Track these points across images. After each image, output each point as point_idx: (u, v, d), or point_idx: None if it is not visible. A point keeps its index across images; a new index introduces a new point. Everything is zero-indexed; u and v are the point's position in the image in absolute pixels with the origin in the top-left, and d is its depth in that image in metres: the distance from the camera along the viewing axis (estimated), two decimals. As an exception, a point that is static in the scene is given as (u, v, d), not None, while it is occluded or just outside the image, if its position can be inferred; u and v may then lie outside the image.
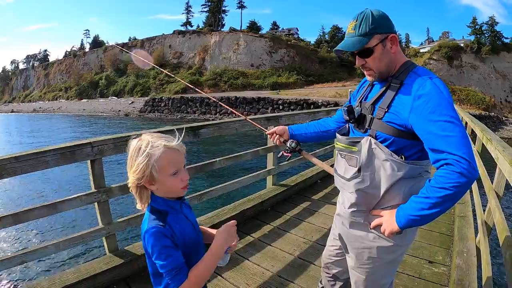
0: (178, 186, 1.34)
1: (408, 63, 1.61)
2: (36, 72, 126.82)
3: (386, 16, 1.55)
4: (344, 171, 1.69)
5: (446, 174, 1.30)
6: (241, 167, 11.70)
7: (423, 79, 1.45)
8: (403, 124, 1.49)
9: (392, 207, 1.57)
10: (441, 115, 1.35)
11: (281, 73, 72.51)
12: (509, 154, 2.44)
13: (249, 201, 4.48)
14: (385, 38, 1.53)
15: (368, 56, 1.56)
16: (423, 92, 1.41)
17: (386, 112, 1.54)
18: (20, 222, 2.51)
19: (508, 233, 2.31)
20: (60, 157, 2.58)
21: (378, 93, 1.62)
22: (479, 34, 70.67)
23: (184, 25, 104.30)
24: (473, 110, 49.60)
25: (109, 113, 56.87)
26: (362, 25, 1.51)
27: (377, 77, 1.62)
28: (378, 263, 1.72)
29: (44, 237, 7.83)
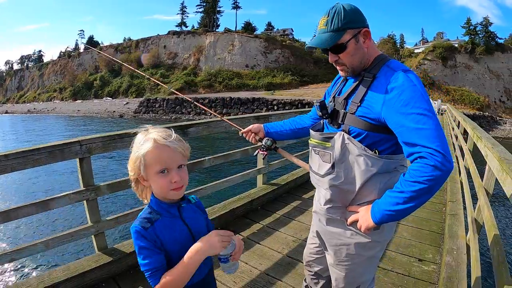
0: (165, 186, 1.26)
1: (381, 57, 1.58)
2: (31, 72, 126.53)
3: (358, 10, 1.51)
4: (318, 167, 1.66)
5: (420, 167, 1.28)
6: (232, 166, 11.74)
7: (396, 72, 1.43)
8: (376, 118, 1.46)
9: (368, 202, 1.54)
10: (414, 107, 1.33)
11: (276, 73, 72.72)
12: (497, 151, 2.46)
13: (239, 200, 4.50)
14: (358, 33, 1.50)
15: (341, 52, 1.52)
16: (395, 85, 1.39)
17: (359, 106, 1.51)
18: (10, 220, 2.52)
19: (496, 230, 2.34)
20: (49, 155, 2.61)
21: (351, 87, 1.60)
22: (473, 35, 71.02)
23: (179, 26, 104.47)
24: (468, 110, 49.85)
25: (104, 114, 56.72)
26: (334, 20, 1.47)
27: (350, 72, 1.59)
28: (356, 260, 1.69)
29: (33, 235, 7.82)
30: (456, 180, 6.12)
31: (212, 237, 1.28)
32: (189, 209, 1.39)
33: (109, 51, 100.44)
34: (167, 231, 1.27)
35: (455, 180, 6.08)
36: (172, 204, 1.33)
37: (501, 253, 2.08)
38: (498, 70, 66.04)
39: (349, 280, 1.76)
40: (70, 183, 12.03)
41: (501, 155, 2.28)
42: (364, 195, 1.56)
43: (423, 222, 4.24)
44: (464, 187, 5.28)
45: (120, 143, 3.09)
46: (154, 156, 1.23)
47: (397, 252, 3.44)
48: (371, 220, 1.45)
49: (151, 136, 1.25)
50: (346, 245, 1.67)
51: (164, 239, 1.25)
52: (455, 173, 6.74)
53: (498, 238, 2.24)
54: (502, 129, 45.07)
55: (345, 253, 1.69)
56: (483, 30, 70.79)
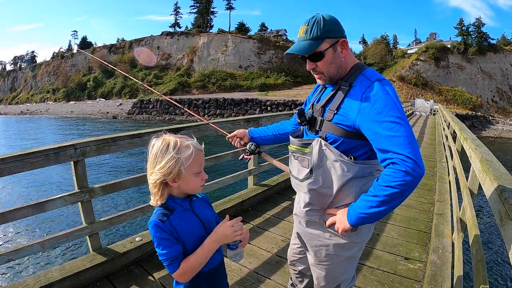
0: (198, 184, 1.45)
1: (358, 66, 1.64)
2: (24, 73, 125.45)
3: (337, 21, 1.57)
4: (297, 172, 1.72)
5: (392, 173, 1.34)
6: (223, 167, 11.80)
7: (371, 81, 1.50)
8: (352, 125, 1.52)
9: (345, 205, 1.60)
10: (387, 115, 1.39)
11: (269, 74, 72.71)
12: (480, 152, 2.51)
13: (230, 201, 4.56)
14: (336, 42, 1.56)
15: (319, 60, 1.58)
16: (369, 94, 1.46)
17: (335, 114, 1.57)
18: (6, 221, 2.59)
19: (477, 229, 2.41)
20: (44, 158, 2.68)
21: (328, 95, 1.65)
22: (466, 35, 71.27)
23: (172, 26, 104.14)
24: (460, 110, 50.03)
25: (97, 115, 56.46)
26: (314, 29, 1.52)
27: (327, 80, 1.65)
28: (336, 260, 1.76)
29: (29, 236, 7.87)
30: (445, 180, 6.22)
31: (226, 228, 1.44)
32: (198, 203, 1.53)
33: (102, 52, 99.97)
34: (182, 223, 1.41)
35: (444, 180, 6.19)
36: (184, 199, 1.48)
37: (480, 252, 2.14)
38: (490, 70, 66.43)
39: (330, 279, 1.83)
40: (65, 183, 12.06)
41: (483, 156, 2.33)
42: (341, 199, 1.63)
43: (411, 222, 4.33)
44: (451, 187, 5.37)
45: (114, 146, 3.18)
46: (195, 160, 1.39)
47: (384, 251, 3.51)
48: (347, 222, 1.52)
49: (188, 143, 1.41)
50: (325, 246, 1.74)
51: (179, 230, 1.38)
52: (445, 173, 6.84)
53: (478, 238, 2.30)
54: (494, 128, 45.37)
55: (324, 253, 1.76)
56: (476, 30, 71.14)
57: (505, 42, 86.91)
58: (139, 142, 3.41)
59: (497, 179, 1.66)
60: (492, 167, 1.97)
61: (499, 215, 1.41)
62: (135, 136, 3.36)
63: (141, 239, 3.37)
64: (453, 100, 58.47)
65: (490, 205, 1.68)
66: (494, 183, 1.65)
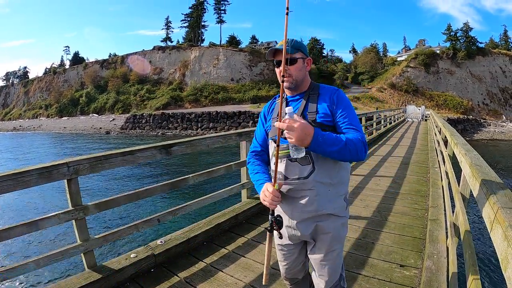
0: None
1: (314, 82, 2.06)
2: (16, 89, 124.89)
3: (306, 46, 2.06)
4: (300, 172, 1.85)
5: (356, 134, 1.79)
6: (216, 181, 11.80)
7: (333, 88, 2.00)
8: (331, 120, 1.88)
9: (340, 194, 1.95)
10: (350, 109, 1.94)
11: (261, 86, 72.93)
12: (470, 157, 2.54)
13: (224, 215, 4.56)
14: (305, 57, 1.99)
15: (292, 64, 1.93)
16: (336, 96, 1.94)
17: (316, 114, 1.88)
18: (1, 240, 2.56)
19: (469, 233, 2.46)
20: (38, 177, 2.67)
21: (302, 104, 1.96)
22: (454, 40, 72.40)
23: (164, 41, 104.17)
24: (452, 115, 50.48)
25: (90, 131, 56.27)
26: (293, 42, 1.93)
27: (293, 84, 1.97)
28: (341, 243, 2.00)
29: (24, 254, 7.81)
30: (438, 185, 6.27)
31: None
32: None
33: (94, 67, 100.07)
34: None
35: (438, 186, 6.24)
36: None
37: (472, 256, 2.17)
38: (480, 73, 67.42)
39: (335, 269, 1.99)
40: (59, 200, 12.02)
41: (472, 161, 2.36)
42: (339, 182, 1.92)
43: (406, 229, 4.35)
44: (444, 192, 5.42)
45: (107, 163, 3.18)
46: None
47: (379, 259, 3.52)
48: (310, 139, 1.62)
49: None
50: (335, 231, 1.94)
51: None
52: (438, 178, 6.89)
53: (471, 242, 2.34)
54: (486, 131, 45.85)
55: (335, 239, 1.95)
56: (464, 35, 72.29)
57: (493, 45, 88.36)
58: (131, 159, 3.42)
59: (486, 184, 1.70)
60: (481, 172, 1.99)
61: (489, 219, 1.43)
62: (127, 153, 3.36)
63: (136, 256, 3.36)
64: (444, 105, 59.10)
65: (479, 209, 1.70)
66: (483, 188, 1.69)
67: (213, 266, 3.48)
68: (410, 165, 9.14)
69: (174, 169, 18.09)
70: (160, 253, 3.51)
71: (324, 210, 1.88)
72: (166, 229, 7.53)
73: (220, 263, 3.55)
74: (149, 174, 17.00)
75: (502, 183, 1.70)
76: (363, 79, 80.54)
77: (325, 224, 1.91)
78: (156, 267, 3.45)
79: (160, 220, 3.73)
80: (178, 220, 7.77)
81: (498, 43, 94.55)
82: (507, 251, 1.08)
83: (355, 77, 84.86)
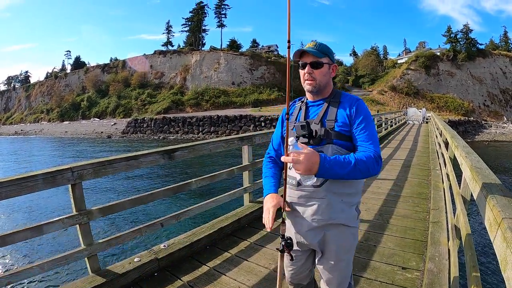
0: None
1: (336, 89, 2.02)
2: (17, 93, 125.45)
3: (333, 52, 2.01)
4: (312, 180, 1.85)
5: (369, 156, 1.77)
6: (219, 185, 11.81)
7: (355, 98, 1.95)
8: (349, 130, 1.86)
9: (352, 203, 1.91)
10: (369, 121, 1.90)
11: (262, 90, 73.11)
12: (470, 159, 2.55)
13: (227, 219, 4.56)
14: (331, 64, 1.96)
15: (317, 68, 1.91)
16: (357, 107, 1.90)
17: (335, 122, 1.87)
18: (6, 244, 2.59)
19: (470, 235, 2.46)
20: (42, 182, 2.70)
21: (322, 110, 1.94)
22: (455, 42, 72.36)
23: (165, 45, 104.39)
24: (453, 116, 50.37)
25: (92, 135, 56.33)
26: (321, 46, 1.92)
27: (316, 88, 1.95)
28: (351, 252, 1.99)
29: (29, 259, 7.82)
30: (440, 188, 6.28)
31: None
32: None
33: (96, 72, 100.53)
34: None
35: (439, 188, 6.24)
36: None
37: (473, 258, 2.18)
38: (480, 75, 67.39)
39: (344, 276, 2.00)
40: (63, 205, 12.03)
41: (473, 163, 2.36)
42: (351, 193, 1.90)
43: (408, 231, 4.35)
44: (446, 194, 5.41)
45: (110, 168, 3.21)
46: None
47: (381, 262, 3.52)
48: (317, 167, 1.65)
49: None
50: (345, 241, 1.93)
51: None
52: (439, 181, 6.89)
53: (471, 244, 2.34)
54: (488, 132, 45.78)
55: (344, 249, 1.94)
56: (464, 37, 72.35)
57: (494, 47, 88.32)
58: (135, 164, 3.45)
59: (486, 186, 1.71)
60: (481, 174, 2.00)
61: (488, 221, 1.44)
62: (131, 158, 3.39)
63: (139, 260, 3.38)
64: (445, 107, 59.09)
65: (480, 212, 1.72)
66: (483, 190, 1.70)
67: (216, 270, 3.49)
68: (412, 167, 9.13)
69: (177, 172, 18.06)
70: (164, 257, 3.52)
71: (334, 220, 1.87)
72: (169, 233, 7.53)
73: (223, 267, 3.55)
74: (152, 177, 16.99)
75: (502, 185, 1.72)
76: (363, 82, 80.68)
77: (335, 233, 1.90)
78: (160, 271, 3.46)
79: (164, 224, 3.75)
80: (181, 224, 7.77)
81: (498, 44, 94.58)
82: (506, 253, 1.09)
83: (355, 80, 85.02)
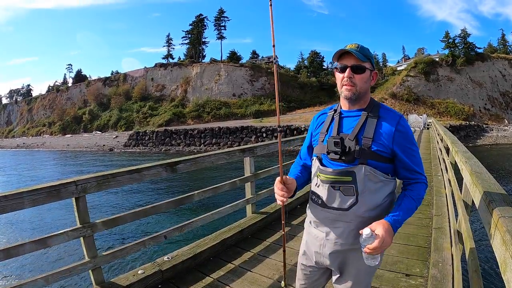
0: None
1: (374, 100, 1.84)
2: (19, 107, 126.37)
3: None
4: (340, 202, 1.73)
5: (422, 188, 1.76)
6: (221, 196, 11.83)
7: (399, 115, 1.77)
8: (389, 152, 1.71)
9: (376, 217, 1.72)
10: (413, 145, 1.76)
11: (263, 100, 73.31)
12: (470, 164, 2.58)
13: (230, 230, 4.57)
14: (372, 70, 1.79)
15: (359, 73, 1.73)
16: (401, 127, 1.72)
17: (373, 141, 1.70)
18: (11, 257, 2.60)
19: (472, 240, 2.48)
20: (46, 195, 2.72)
21: (359, 124, 1.76)
22: (453, 47, 72.52)
23: (165, 58, 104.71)
24: (454, 121, 50.25)
25: (94, 148, 56.28)
26: (364, 49, 1.74)
27: (355, 94, 1.75)
28: (371, 274, 1.91)
29: (33, 271, 7.83)
30: (442, 193, 6.29)
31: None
32: None
33: (97, 85, 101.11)
34: None
35: (441, 194, 6.25)
36: None
37: (475, 263, 2.21)
38: (480, 79, 67.49)
39: None
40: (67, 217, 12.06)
41: (473, 168, 2.39)
42: (376, 217, 1.70)
43: (411, 238, 4.35)
44: (448, 200, 5.43)
45: (113, 182, 3.24)
46: None
47: (385, 269, 3.51)
48: (392, 237, 1.61)
49: None
50: (366, 264, 1.74)
51: None
52: (441, 187, 6.89)
53: (473, 249, 2.37)
54: (489, 136, 45.68)
55: (365, 272, 1.84)
56: (462, 41, 72.50)
57: (492, 50, 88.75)
58: (138, 177, 3.48)
59: (485, 191, 1.73)
60: (481, 179, 2.04)
61: (488, 225, 1.47)
62: (134, 172, 3.41)
63: (143, 272, 3.39)
64: (446, 112, 59.03)
65: (480, 216, 1.74)
66: (483, 195, 1.73)
67: (220, 281, 3.48)
68: (414, 174, 9.06)
69: (180, 185, 18.06)
70: (167, 269, 3.53)
71: (357, 245, 1.67)
72: (173, 245, 7.51)
73: (227, 278, 3.55)
74: (155, 189, 17.00)
75: (501, 189, 1.74)
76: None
77: (356, 257, 1.77)
78: (164, 283, 3.46)
79: (167, 236, 3.76)
80: (184, 236, 7.76)
81: (497, 47, 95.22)
82: (505, 255, 1.11)
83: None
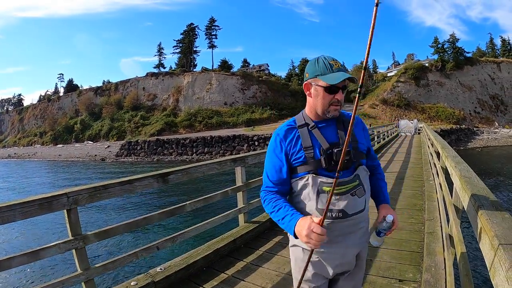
0: None
1: None
2: (11, 116, 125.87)
3: None
4: (359, 206, 1.74)
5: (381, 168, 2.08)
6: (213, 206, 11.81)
7: (356, 116, 1.71)
8: (366, 148, 1.89)
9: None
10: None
11: (254, 109, 73.57)
12: (459, 169, 2.62)
13: (223, 240, 4.55)
14: None
15: (344, 91, 1.79)
16: (364, 125, 1.99)
17: (358, 143, 1.84)
18: (2, 269, 2.59)
19: (463, 244, 2.52)
20: (38, 207, 2.70)
21: (341, 131, 1.80)
22: (442, 52, 73.54)
23: (157, 67, 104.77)
24: (445, 126, 50.75)
25: (85, 158, 55.99)
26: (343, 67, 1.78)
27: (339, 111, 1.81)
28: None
29: (25, 284, 7.77)
30: (434, 198, 6.34)
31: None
32: None
33: (88, 94, 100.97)
34: None
35: (433, 199, 6.30)
36: None
37: (466, 266, 2.25)
38: (469, 83, 68.41)
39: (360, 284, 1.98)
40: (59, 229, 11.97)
41: (462, 173, 2.42)
42: None
43: (403, 243, 4.36)
44: (439, 204, 5.47)
45: (105, 193, 3.23)
46: None
47: (378, 275, 3.52)
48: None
49: None
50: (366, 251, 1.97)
51: None
52: (433, 191, 6.94)
53: (464, 252, 2.40)
54: (480, 139, 46.25)
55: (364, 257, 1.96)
56: (451, 46, 73.49)
57: (481, 54, 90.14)
58: (129, 188, 3.47)
59: (474, 195, 1.76)
60: (470, 184, 2.06)
61: (477, 229, 1.48)
62: (125, 183, 3.41)
63: (136, 283, 3.36)
64: (436, 117, 59.69)
65: (470, 220, 1.76)
66: (471, 199, 1.75)
67: (212, 291, 3.45)
68: (405, 179, 9.20)
69: (172, 194, 17.96)
70: (160, 280, 3.51)
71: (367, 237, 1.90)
72: (166, 256, 7.49)
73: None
74: (147, 200, 16.91)
75: (490, 193, 1.77)
76: (354, 97, 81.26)
77: (365, 248, 1.92)
78: (157, 294, 3.43)
79: (159, 247, 3.74)
80: (177, 246, 7.73)
81: (485, 51, 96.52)
82: (494, 260, 1.12)
83: (346, 95, 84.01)
